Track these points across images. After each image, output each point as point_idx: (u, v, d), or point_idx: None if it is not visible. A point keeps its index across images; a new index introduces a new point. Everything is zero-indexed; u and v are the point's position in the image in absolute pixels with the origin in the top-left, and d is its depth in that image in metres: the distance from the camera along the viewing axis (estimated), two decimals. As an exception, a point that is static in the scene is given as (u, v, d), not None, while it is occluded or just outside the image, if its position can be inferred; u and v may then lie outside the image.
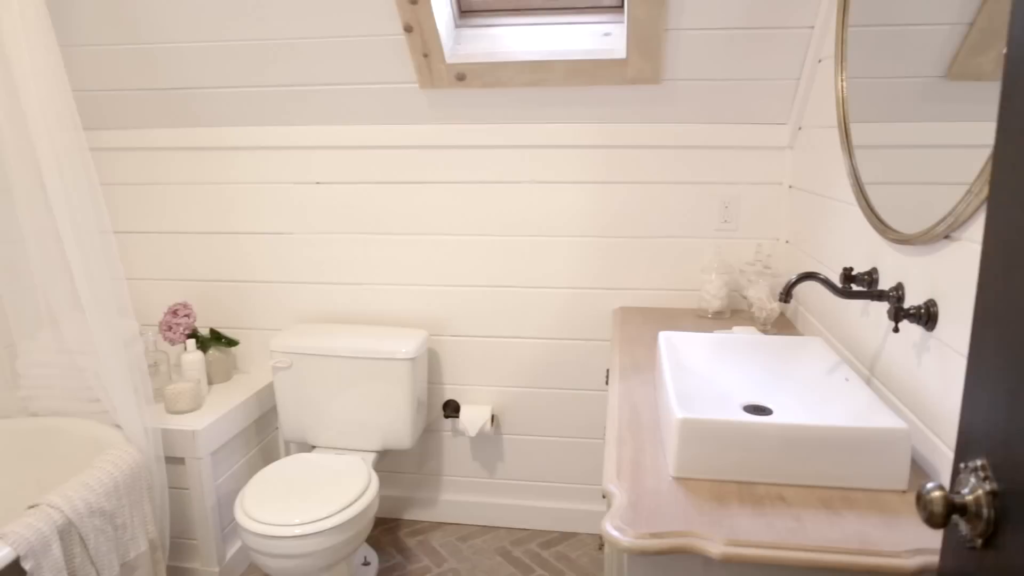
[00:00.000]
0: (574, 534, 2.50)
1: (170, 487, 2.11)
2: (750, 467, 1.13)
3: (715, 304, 2.09)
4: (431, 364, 2.46)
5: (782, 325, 2.00)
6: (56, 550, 1.56)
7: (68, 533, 1.61)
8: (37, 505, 1.59)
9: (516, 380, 2.43)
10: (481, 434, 2.48)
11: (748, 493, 1.10)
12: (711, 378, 1.49)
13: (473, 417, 2.38)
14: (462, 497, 2.57)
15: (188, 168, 2.41)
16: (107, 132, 2.39)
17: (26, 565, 1.49)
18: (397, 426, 2.25)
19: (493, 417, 2.43)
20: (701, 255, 2.23)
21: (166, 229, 2.48)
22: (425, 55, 2.01)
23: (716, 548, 0.96)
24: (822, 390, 1.37)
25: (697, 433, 1.13)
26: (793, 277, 1.41)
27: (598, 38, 2.05)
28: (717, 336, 1.59)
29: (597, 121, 2.15)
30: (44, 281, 1.96)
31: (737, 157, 2.14)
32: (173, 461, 2.09)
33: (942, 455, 1.13)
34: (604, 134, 2.16)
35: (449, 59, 2.03)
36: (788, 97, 2.02)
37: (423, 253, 2.36)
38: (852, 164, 1.51)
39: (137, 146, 2.40)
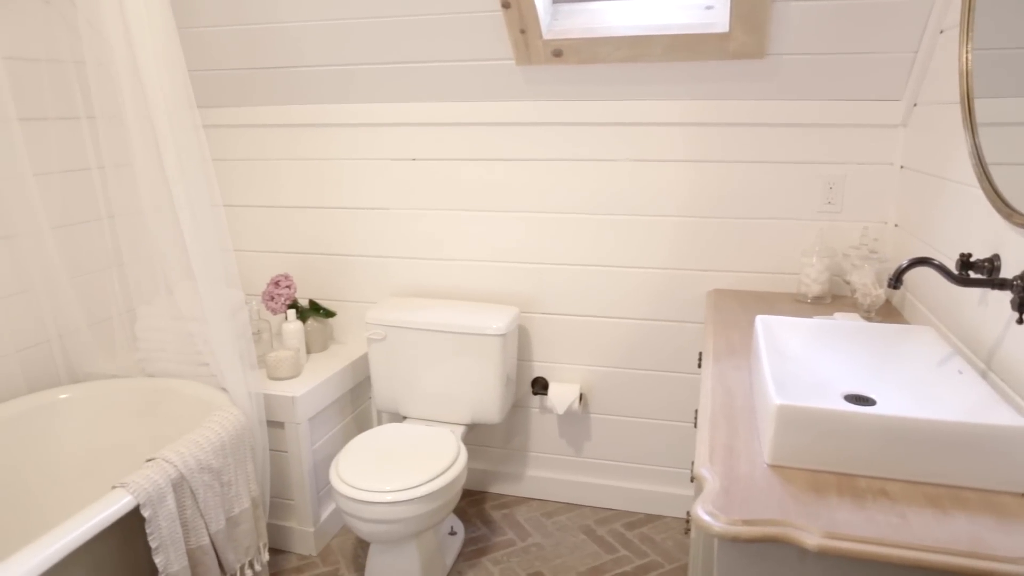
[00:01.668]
0: (660, 517, 2.49)
1: (270, 449, 2.23)
2: (851, 459, 1.08)
3: (815, 289, 2.01)
4: (521, 341, 2.48)
5: (887, 313, 1.90)
6: (170, 501, 1.67)
7: (181, 486, 1.72)
8: (154, 459, 1.71)
9: (606, 360, 2.41)
10: (569, 412, 2.48)
11: (848, 485, 1.06)
12: (810, 365, 1.44)
13: (561, 395, 2.39)
14: (548, 474, 2.59)
15: (291, 144, 2.50)
16: (215, 110, 2.50)
17: (145, 513, 1.61)
18: (486, 401, 2.29)
19: (581, 396, 2.43)
20: (801, 238, 2.14)
21: (270, 203, 2.59)
22: (522, 31, 2.00)
23: (813, 539, 0.93)
24: (932, 382, 1.30)
25: (795, 421, 1.09)
26: (904, 262, 1.33)
27: (699, 11, 1.98)
28: (818, 322, 1.53)
29: (697, 98, 2.09)
30: (160, 251, 2.09)
31: (844, 135, 2.04)
32: (273, 425, 2.20)
33: (1067, 457, 1.05)
34: (704, 111, 2.10)
35: (546, 35, 2.01)
36: (903, 72, 1.90)
37: (516, 230, 2.37)
38: (975, 143, 1.41)
39: (243, 123, 2.51)
